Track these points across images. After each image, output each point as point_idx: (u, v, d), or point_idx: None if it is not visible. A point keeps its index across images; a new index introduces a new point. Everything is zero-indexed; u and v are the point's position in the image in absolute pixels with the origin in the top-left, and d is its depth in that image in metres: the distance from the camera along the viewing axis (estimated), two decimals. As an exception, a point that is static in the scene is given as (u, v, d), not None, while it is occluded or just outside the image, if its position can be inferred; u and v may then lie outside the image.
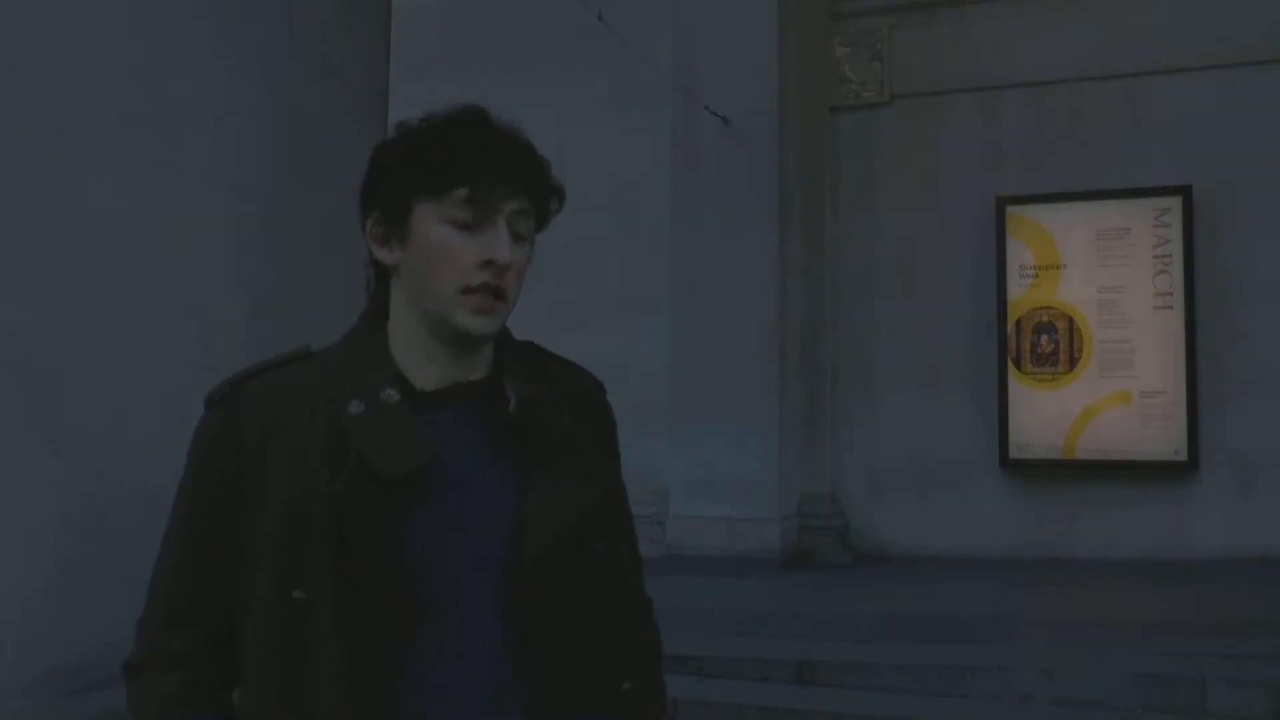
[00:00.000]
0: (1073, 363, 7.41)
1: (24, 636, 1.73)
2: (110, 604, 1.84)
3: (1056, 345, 7.46)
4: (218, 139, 2.09)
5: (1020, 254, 7.54)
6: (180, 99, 2.01)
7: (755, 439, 7.36)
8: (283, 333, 2.14)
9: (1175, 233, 7.23)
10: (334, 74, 2.40)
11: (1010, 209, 7.54)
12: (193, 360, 1.99)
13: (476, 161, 1.15)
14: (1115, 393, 7.31)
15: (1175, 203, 7.22)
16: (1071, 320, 7.43)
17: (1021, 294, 7.53)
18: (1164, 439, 7.19)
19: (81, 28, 1.83)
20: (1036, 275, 7.52)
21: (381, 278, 1.23)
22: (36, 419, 1.76)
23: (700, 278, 7.62)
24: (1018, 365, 7.52)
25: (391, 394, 1.15)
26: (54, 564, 1.77)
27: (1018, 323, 7.53)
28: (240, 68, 2.14)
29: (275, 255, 2.20)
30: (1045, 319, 7.49)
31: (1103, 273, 7.37)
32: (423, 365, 1.20)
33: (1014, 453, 7.49)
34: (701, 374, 7.53)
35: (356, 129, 2.50)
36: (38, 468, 1.75)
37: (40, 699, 1.71)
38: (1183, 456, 7.15)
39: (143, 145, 1.93)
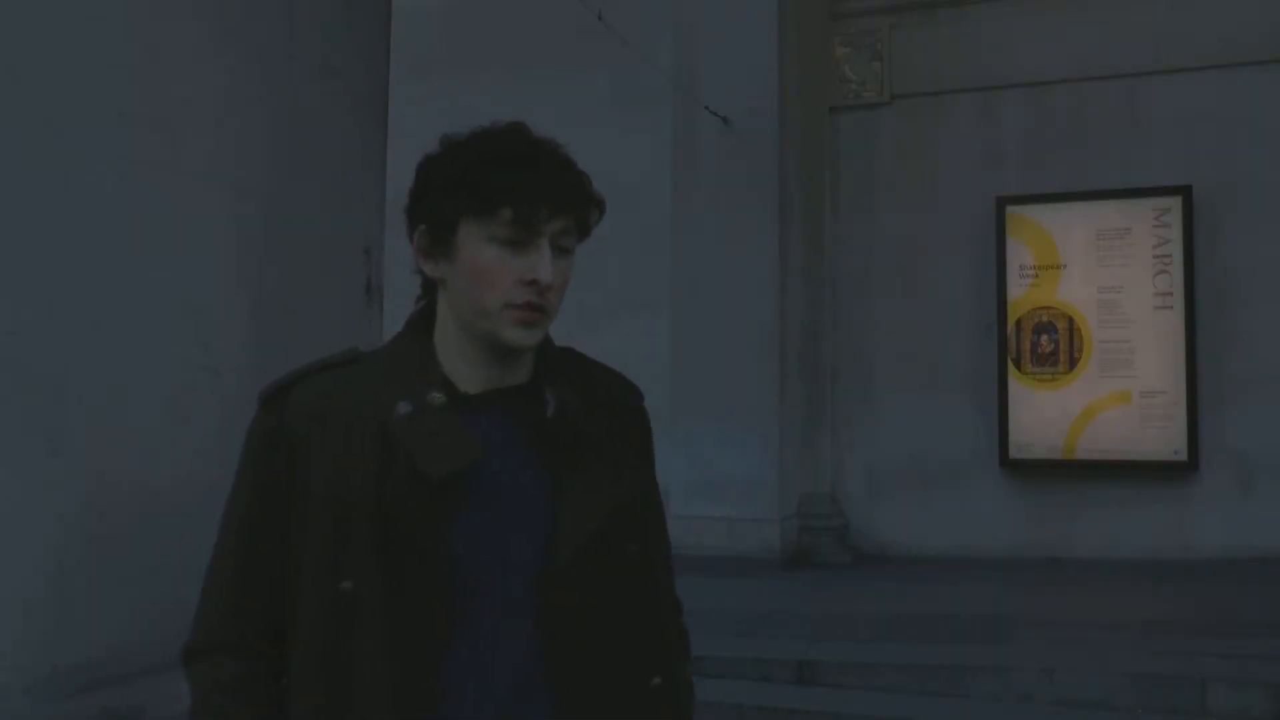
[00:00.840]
0: (1073, 363, 7.41)
1: (23, 636, 1.73)
2: (110, 604, 1.84)
3: (1056, 345, 7.46)
4: (218, 139, 2.08)
5: (1020, 254, 7.55)
6: (180, 99, 2.01)
7: (755, 439, 7.36)
8: (283, 333, 2.14)
9: (1175, 233, 7.23)
10: (334, 74, 2.39)
11: (1010, 209, 7.55)
12: (193, 360, 1.99)
13: (522, 184, 1.17)
14: (1115, 393, 7.31)
15: (1175, 203, 7.23)
16: (1071, 320, 7.44)
17: (1021, 294, 7.53)
18: (1164, 439, 7.19)
19: (81, 28, 1.83)
20: (1036, 275, 7.52)
21: (427, 287, 1.28)
22: (36, 419, 1.76)
23: (700, 278, 7.62)
24: (1018, 365, 7.52)
25: (438, 396, 1.19)
26: (53, 564, 1.76)
27: (1018, 323, 7.53)
28: (240, 68, 2.14)
29: (275, 255, 2.20)
30: (1045, 319, 7.49)
31: (1103, 273, 7.38)
32: (466, 371, 1.23)
33: (1014, 453, 7.49)
34: (701, 374, 7.53)
35: (356, 129, 2.50)
36: (38, 468, 1.75)
37: (40, 699, 1.71)
38: (1183, 456, 7.15)
39: (143, 145, 1.93)
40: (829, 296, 8.07)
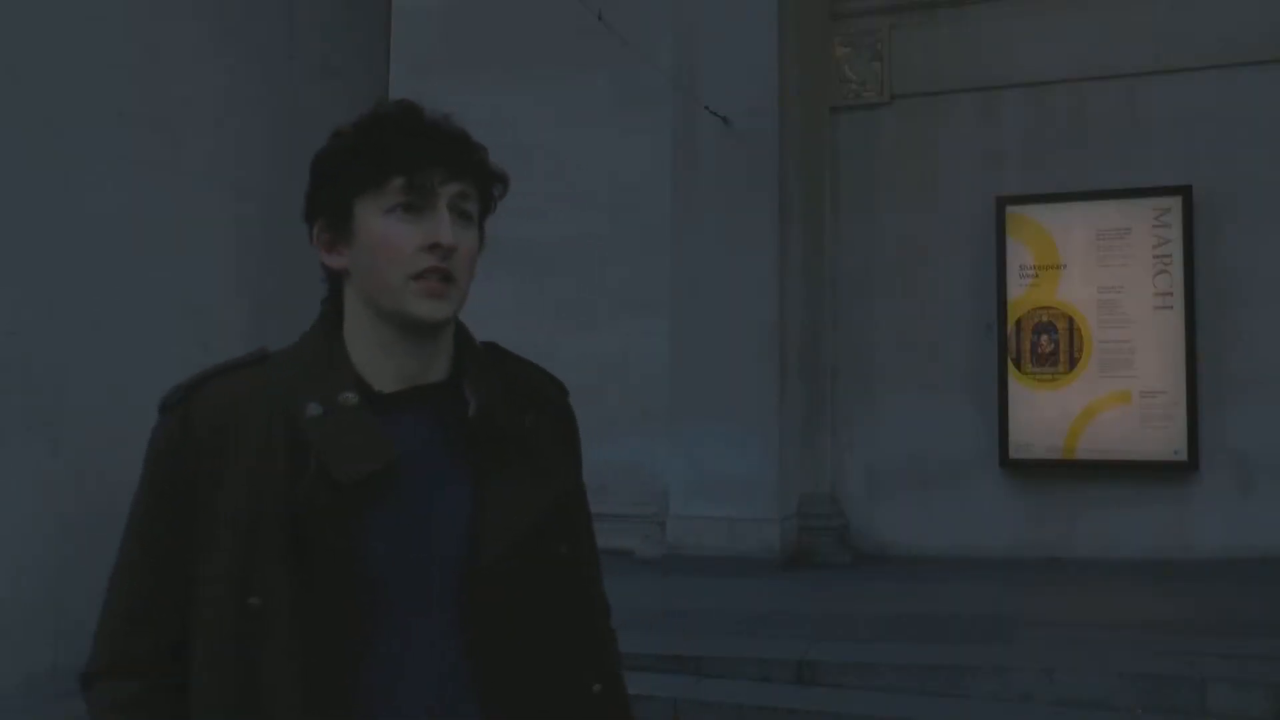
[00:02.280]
0: (1073, 363, 7.41)
1: (23, 636, 1.73)
2: (110, 604, 1.84)
3: (1056, 345, 7.46)
4: (218, 139, 2.09)
5: (1020, 254, 7.54)
6: (180, 99, 2.01)
7: (755, 439, 7.36)
8: (283, 333, 2.14)
9: (1175, 233, 7.23)
10: (334, 74, 2.40)
11: (1010, 209, 7.54)
12: (193, 360, 1.99)
13: (410, 149, 1.14)
14: (1115, 393, 7.31)
15: (1175, 203, 7.23)
16: (1071, 320, 7.43)
17: (1021, 294, 7.53)
18: (1164, 439, 7.19)
19: (81, 28, 1.83)
20: (1036, 275, 7.52)
21: (334, 284, 1.23)
22: (36, 419, 1.76)
23: (700, 278, 7.62)
24: (1018, 365, 7.52)
25: (350, 396, 1.14)
26: (53, 563, 1.77)
27: (1018, 323, 7.53)
28: (240, 68, 2.14)
29: (275, 255, 2.20)
30: (1045, 319, 7.49)
31: (1103, 273, 7.37)
32: (380, 366, 1.19)
33: (1014, 453, 7.49)
34: (701, 374, 7.53)
35: (356, 129, 2.50)
36: (38, 468, 1.75)
37: (39, 698, 1.71)
38: (1183, 456, 7.15)
39: (143, 145, 1.93)
40: (829, 296, 8.07)
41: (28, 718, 1.69)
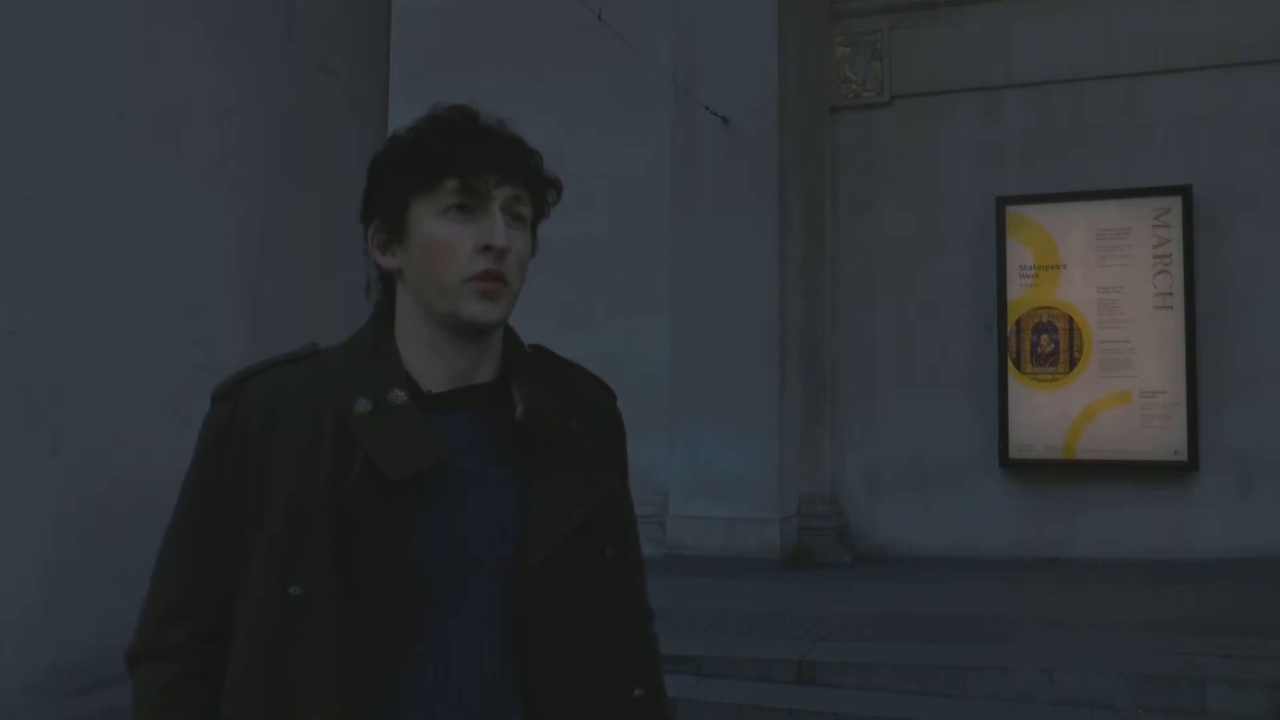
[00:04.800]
0: (1073, 363, 7.42)
1: (23, 635, 1.73)
2: (109, 603, 1.84)
3: (1056, 345, 7.46)
4: (218, 139, 2.09)
5: (1020, 254, 7.55)
6: (180, 100, 2.01)
7: (755, 439, 7.36)
8: (283, 333, 2.14)
9: (1175, 233, 7.23)
10: (334, 74, 2.40)
11: (1010, 209, 7.55)
12: (192, 360, 2.00)
13: (464, 151, 1.16)
14: (1115, 393, 7.31)
15: (1175, 203, 7.23)
16: (1071, 320, 7.44)
17: (1021, 294, 7.53)
18: (1164, 439, 7.19)
19: (81, 28, 1.83)
20: (1036, 275, 7.52)
21: (386, 285, 1.24)
22: (36, 419, 1.76)
23: (700, 278, 7.62)
24: (1018, 365, 7.52)
25: (399, 394, 1.15)
26: (53, 563, 1.77)
27: (1017, 323, 7.53)
28: (240, 68, 2.14)
29: (275, 255, 2.20)
30: (1045, 319, 7.50)
31: (1103, 273, 7.38)
32: (430, 365, 1.20)
33: (1014, 453, 7.49)
34: (701, 374, 7.54)
35: (356, 129, 2.50)
36: (37, 468, 1.75)
37: (40, 698, 1.71)
38: (1183, 456, 7.15)
39: (143, 145, 1.93)
40: (829, 296, 8.08)
41: (28, 718, 1.69)
